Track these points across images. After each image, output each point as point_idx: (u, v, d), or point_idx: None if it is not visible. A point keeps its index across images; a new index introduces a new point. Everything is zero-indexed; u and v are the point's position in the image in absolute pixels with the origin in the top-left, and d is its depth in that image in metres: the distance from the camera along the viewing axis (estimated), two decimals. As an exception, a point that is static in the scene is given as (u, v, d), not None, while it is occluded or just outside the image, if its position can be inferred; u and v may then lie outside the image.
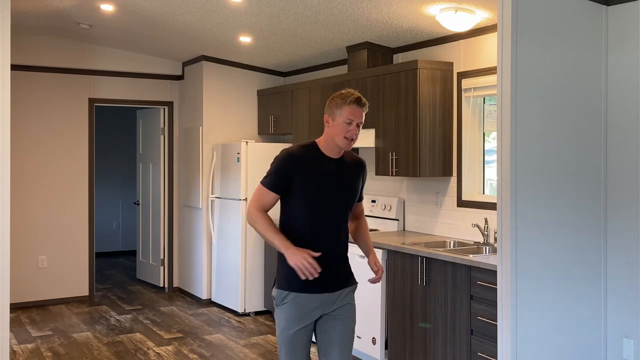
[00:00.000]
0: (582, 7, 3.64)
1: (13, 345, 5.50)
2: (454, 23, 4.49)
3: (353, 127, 2.89)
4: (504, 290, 3.35)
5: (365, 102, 2.93)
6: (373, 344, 4.78)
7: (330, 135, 2.93)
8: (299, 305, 2.89)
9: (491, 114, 4.82)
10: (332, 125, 2.92)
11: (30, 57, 6.82)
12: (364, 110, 2.92)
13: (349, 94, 2.91)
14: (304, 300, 2.89)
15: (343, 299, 2.97)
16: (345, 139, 2.89)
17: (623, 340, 3.65)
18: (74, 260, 7.15)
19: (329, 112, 2.94)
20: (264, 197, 2.90)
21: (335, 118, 2.91)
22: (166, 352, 5.32)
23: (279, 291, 2.93)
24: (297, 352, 2.92)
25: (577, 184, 3.62)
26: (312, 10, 4.86)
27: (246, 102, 7.24)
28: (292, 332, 2.90)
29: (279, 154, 2.94)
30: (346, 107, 2.88)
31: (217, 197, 6.89)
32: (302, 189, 2.88)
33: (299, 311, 2.89)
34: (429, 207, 5.23)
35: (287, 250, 2.78)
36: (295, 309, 2.89)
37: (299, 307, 2.89)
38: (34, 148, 6.94)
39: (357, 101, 2.89)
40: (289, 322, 2.90)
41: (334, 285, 2.94)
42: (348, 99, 2.88)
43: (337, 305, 2.95)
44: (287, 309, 2.90)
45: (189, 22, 5.62)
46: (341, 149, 2.95)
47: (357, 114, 2.89)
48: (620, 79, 3.66)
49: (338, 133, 2.89)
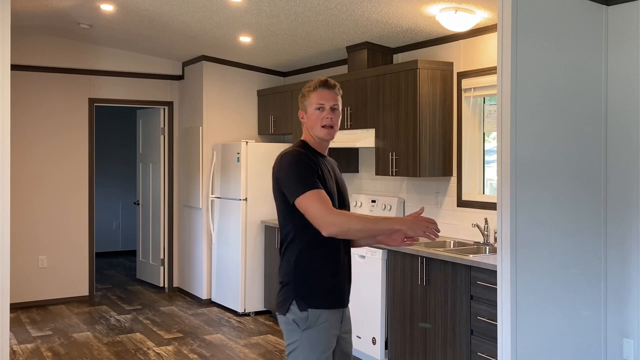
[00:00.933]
0: (582, 7, 3.64)
1: (13, 345, 5.50)
2: (454, 23, 4.49)
3: (327, 112, 2.58)
4: (504, 290, 3.35)
5: (334, 83, 2.63)
6: (373, 344, 4.78)
7: (309, 130, 2.64)
8: (331, 324, 2.52)
9: (491, 114, 4.82)
10: (307, 118, 2.63)
11: (30, 57, 6.82)
12: (335, 92, 2.62)
13: (314, 80, 2.65)
14: (334, 317, 2.54)
15: (348, 311, 2.71)
16: (324, 128, 2.59)
17: (623, 340, 3.65)
18: (74, 260, 7.15)
19: (301, 107, 2.67)
20: (324, 196, 2.44)
21: (307, 110, 2.62)
22: (166, 352, 5.32)
23: (312, 311, 2.48)
24: None
25: (577, 184, 3.62)
26: (312, 10, 4.86)
27: (246, 102, 7.24)
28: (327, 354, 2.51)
29: (290, 158, 2.53)
30: (313, 94, 2.61)
31: (217, 197, 6.89)
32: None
33: (333, 331, 2.53)
34: (429, 207, 5.23)
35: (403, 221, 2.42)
36: (329, 329, 2.51)
37: (330, 325, 2.52)
38: (34, 148, 6.94)
39: (323, 84, 2.61)
40: (324, 346, 2.50)
41: (348, 297, 2.67)
42: (313, 85, 2.62)
43: (345, 319, 2.68)
44: (323, 331, 2.49)
45: (189, 22, 5.62)
46: (324, 141, 2.65)
47: (327, 96, 2.59)
48: (620, 78, 3.66)
49: (314, 124, 2.60)
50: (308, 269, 2.52)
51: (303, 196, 2.43)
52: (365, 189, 6.00)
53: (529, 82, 3.40)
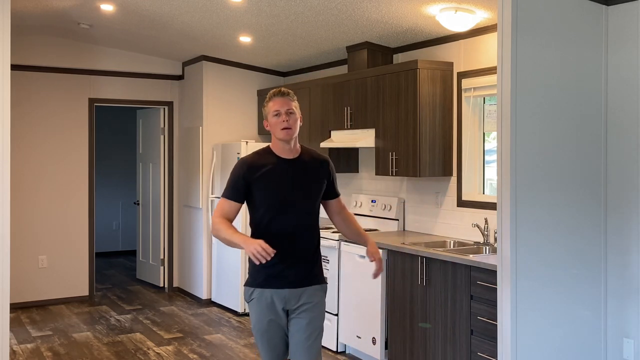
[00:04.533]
0: (582, 7, 3.64)
1: (13, 345, 5.50)
2: (454, 23, 4.49)
3: (282, 116, 3.01)
4: (504, 290, 3.35)
5: (286, 91, 3.07)
6: (373, 344, 4.78)
7: (273, 135, 3.07)
8: (264, 299, 3.03)
9: (491, 114, 4.82)
10: (269, 125, 3.07)
11: (30, 57, 6.82)
12: (288, 99, 3.05)
13: (270, 92, 3.09)
14: (268, 294, 3.02)
15: (309, 297, 3.06)
16: (282, 130, 3.01)
17: (623, 340, 3.65)
18: (74, 260, 7.15)
19: (264, 116, 3.11)
20: (225, 207, 3.05)
21: (267, 117, 3.07)
22: (166, 352, 5.32)
23: (246, 288, 3.10)
24: (272, 343, 3.06)
25: (577, 184, 3.62)
26: (312, 10, 4.86)
27: (246, 102, 7.24)
28: (264, 324, 3.03)
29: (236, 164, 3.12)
30: (270, 103, 3.06)
31: (217, 197, 6.89)
32: (258, 191, 3.02)
33: (264, 303, 3.03)
34: (429, 207, 5.23)
35: (244, 243, 2.86)
36: (261, 303, 3.03)
37: (264, 301, 3.03)
38: (34, 148, 6.94)
39: (276, 93, 3.06)
40: (259, 316, 3.05)
41: (297, 282, 3.05)
42: (269, 96, 3.08)
43: (302, 302, 3.05)
44: (255, 304, 3.06)
45: (189, 22, 5.62)
46: (288, 144, 3.06)
47: (280, 103, 3.03)
48: (620, 78, 3.66)
49: (274, 128, 3.03)
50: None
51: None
52: (365, 189, 6.00)
53: (529, 82, 3.40)
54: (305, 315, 3.05)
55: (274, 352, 3.08)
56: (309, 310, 3.06)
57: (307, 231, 3.09)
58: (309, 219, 3.10)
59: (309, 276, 3.09)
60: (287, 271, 3.02)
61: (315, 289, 3.09)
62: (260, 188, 3.01)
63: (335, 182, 3.23)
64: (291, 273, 3.03)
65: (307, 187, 3.08)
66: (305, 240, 3.09)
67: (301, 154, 3.11)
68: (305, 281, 3.07)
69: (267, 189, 3.01)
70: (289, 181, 3.03)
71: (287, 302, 3.04)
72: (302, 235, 3.07)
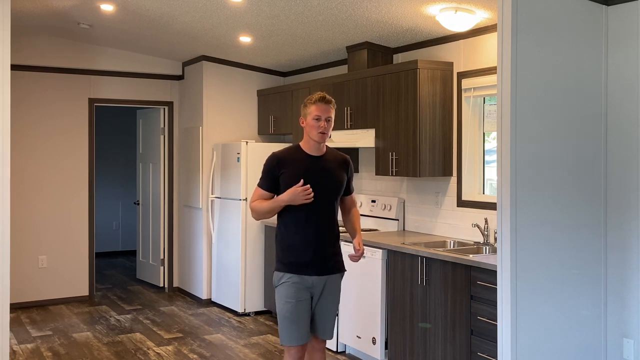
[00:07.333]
0: (582, 7, 3.64)
1: (13, 345, 5.50)
2: (454, 23, 4.49)
3: (322, 122, 3.36)
4: (504, 290, 3.35)
5: (329, 99, 3.40)
6: (373, 344, 4.78)
7: (307, 133, 3.42)
8: (294, 283, 3.35)
9: (491, 114, 4.82)
10: (306, 124, 3.41)
11: (30, 57, 6.82)
12: (329, 106, 3.40)
13: (314, 95, 3.41)
14: (297, 279, 3.36)
15: (331, 283, 3.45)
16: (319, 134, 3.37)
17: (623, 340, 3.65)
18: (74, 260, 7.15)
19: (302, 114, 3.44)
20: (259, 193, 3.46)
21: (306, 118, 3.41)
22: (166, 352, 5.32)
23: (276, 273, 3.42)
24: (299, 323, 3.34)
25: (577, 184, 3.62)
26: (312, 10, 4.86)
27: (246, 102, 7.24)
28: (292, 304, 3.33)
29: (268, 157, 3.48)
30: (313, 106, 3.38)
31: (217, 197, 6.89)
32: (288, 184, 3.33)
33: (294, 287, 3.35)
34: (429, 207, 5.23)
35: (287, 196, 3.28)
36: (291, 286, 3.35)
37: (294, 285, 3.35)
38: (34, 148, 6.94)
39: (321, 99, 3.38)
40: (288, 298, 3.35)
41: (324, 270, 3.41)
42: (313, 99, 3.39)
43: (326, 287, 3.43)
44: (284, 287, 3.36)
45: (189, 22, 5.62)
46: (319, 144, 3.42)
47: (322, 109, 3.37)
48: (620, 78, 3.65)
49: (312, 130, 3.38)
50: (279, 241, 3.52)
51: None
52: (365, 189, 6.00)
53: (529, 82, 3.40)
54: (330, 299, 3.45)
55: (298, 332, 3.34)
56: (332, 294, 3.46)
57: (330, 222, 3.44)
58: (332, 211, 3.45)
59: (333, 264, 3.46)
60: (318, 260, 3.37)
61: (337, 277, 3.50)
62: (288, 179, 3.34)
63: (352, 179, 3.61)
64: (321, 262, 3.39)
65: (331, 180, 3.43)
66: (328, 230, 3.44)
67: (326, 153, 3.48)
68: (333, 269, 3.45)
69: (295, 180, 3.31)
70: (315, 174, 3.37)
71: (315, 288, 3.39)
72: (325, 226, 3.42)
